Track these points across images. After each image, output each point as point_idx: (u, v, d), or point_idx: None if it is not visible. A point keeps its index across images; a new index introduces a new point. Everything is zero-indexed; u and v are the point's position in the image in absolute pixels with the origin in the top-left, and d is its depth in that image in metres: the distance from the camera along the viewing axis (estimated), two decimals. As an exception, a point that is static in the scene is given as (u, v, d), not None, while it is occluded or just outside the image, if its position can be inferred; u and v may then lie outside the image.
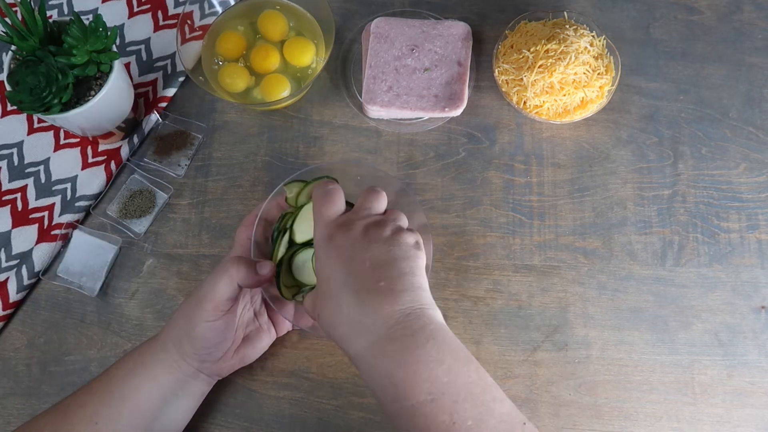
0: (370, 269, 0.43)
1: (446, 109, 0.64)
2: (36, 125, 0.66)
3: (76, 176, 0.64)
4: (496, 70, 0.66)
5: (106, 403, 0.48)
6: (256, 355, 0.55)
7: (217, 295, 0.49)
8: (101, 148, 0.65)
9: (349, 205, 0.53)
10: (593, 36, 0.65)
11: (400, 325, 0.41)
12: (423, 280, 0.45)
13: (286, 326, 0.58)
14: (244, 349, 0.54)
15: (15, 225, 0.62)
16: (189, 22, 0.64)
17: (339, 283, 0.44)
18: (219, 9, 0.67)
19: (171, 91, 0.67)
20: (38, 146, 0.65)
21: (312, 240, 0.52)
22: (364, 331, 0.42)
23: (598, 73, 0.64)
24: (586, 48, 0.63)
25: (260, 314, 0.56)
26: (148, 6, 0.70)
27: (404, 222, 0.49)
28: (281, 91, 0.63)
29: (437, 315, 0.44)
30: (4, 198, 0.63)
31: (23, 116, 0.66)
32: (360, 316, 0.42)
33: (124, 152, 0.64)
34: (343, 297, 0.43)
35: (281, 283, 0.54)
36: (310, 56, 0.65)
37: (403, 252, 0.45)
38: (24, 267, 0.60)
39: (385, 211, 0.50)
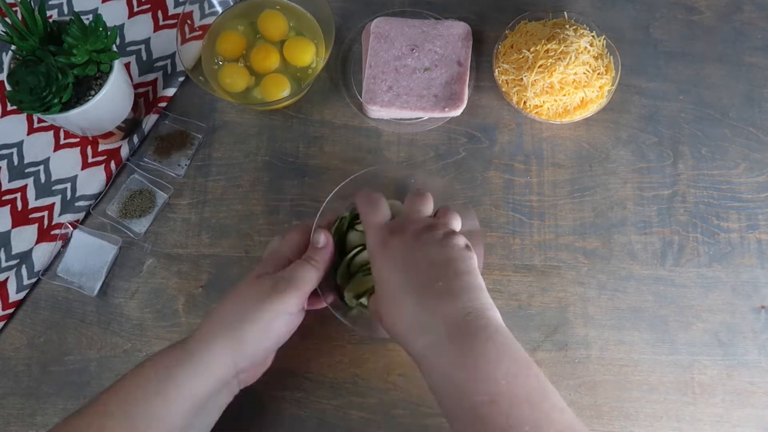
0: (426, 270, 0.44)
1: (446, 109, 0.64)
2: (36, 125, 0.66)
3: (76, 176, 0.64)
4: (496, 70, 0.66)
5: (129, 428, 0.42)
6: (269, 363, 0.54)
7: (302, 283, 0.47)
8: (101, 148, 0.65)
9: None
10: (593, 36, 0.65)
11: (460, 326, 0.41)
12: (480, 280, 0.45)
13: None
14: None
15: (15, 225, 0.62)
16: (189, 22, 0.64)
17: (397, 285, 0.44)
18: (219, 9, 0.67)
19: (171, 91, 0.67)
20: (38, 146, 0.65)
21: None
22: (424, 331, 0.42)
23: (598, 73, 0.64)
24: (586, 48, 0.63)
25: None
26: (148, 6, 0.70)
27: (456, 224, 0.49)
28: (281, 91, 0.63)
29: (496, 316, 0.43)
30: (3, 198, 0.63)
31: (23, 116, 0.66)
32: (420, 317, 0.42)
33: (124, 152, 0.64)
34: (402, 299, 0.43)
35: (342, 287, 0.53)
36: (310, 56, 0.65)
37: (456, 253, 0.45)
38: (24, 267, 0.60)
39: (436, 213, 0.50)
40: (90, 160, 0.64)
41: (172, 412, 0.43)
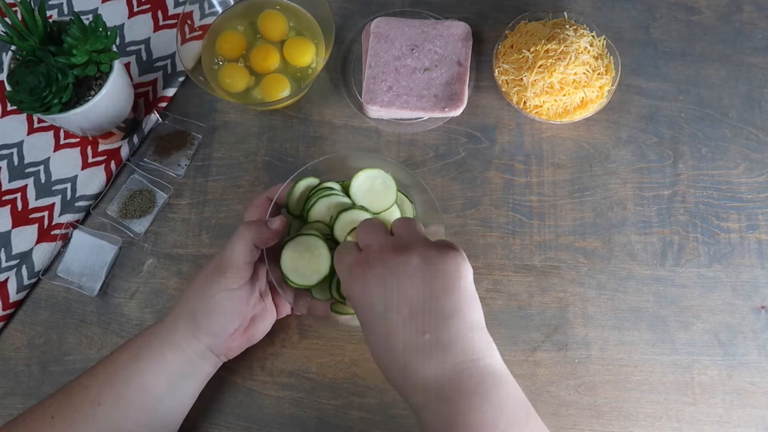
0: (410, 320, 0.39)
1: (446, 109, 0.64)
2: (36, 125, 0.66)
3: (76, 176, 0.64)
4: (496, 70, 0.66)
5: (110, 385, 0.48)
6: (261, 335, 0.55)
7: (235, 259, 0.49)
8: (101, 148, 0.65)
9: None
10: (593, 36, 0.65)
11: (452, 386, 0.37)
12: (473, 313, 0.40)
13: (286, 309, 0.58)
14: (252, 327, 0.54)
15: (15, 225, 0.62)
16: (189, 22, 0.64)
17: (383, 337, 0.40)
18: (219, 9, 0.67)
19: (171, 91, 0.67)
20: (38, 146, 0.65)
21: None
22: (413, 387, 0.39)
23: (598, 73, 0.64)
24: (586, 48, 0.63)
25: (265, 294, 0.56)
26: (148, 6, 0.70)
27: (420, 231, 0.44)
28: (281, 91, 0.63)
29: (494, 362, 0.39)
30: (4, 198, 0.63)
31: (23, 116, 0.66)
32: (408, 372, 0.39)
33: (124, 152, 0.64)
34: (386, 352, 0.40)
35: (283, 268, 0.53)
36: (310, 56, 0.65)
37: (441, 282, 0.39)
38: (24, 267, 0.60)
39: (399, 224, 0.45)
40: (90, 160, 0.64)
41: (151, 381, 0.49)
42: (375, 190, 0.56)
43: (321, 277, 0.52)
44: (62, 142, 0.65)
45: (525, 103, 0.65)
